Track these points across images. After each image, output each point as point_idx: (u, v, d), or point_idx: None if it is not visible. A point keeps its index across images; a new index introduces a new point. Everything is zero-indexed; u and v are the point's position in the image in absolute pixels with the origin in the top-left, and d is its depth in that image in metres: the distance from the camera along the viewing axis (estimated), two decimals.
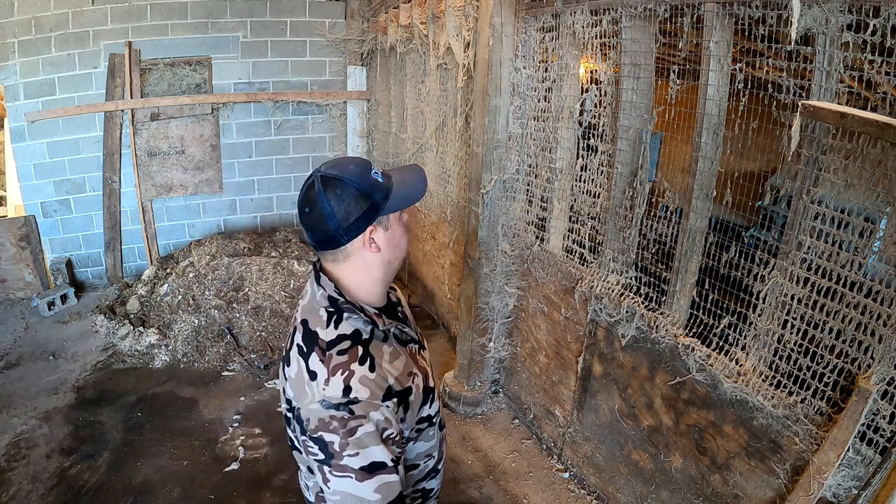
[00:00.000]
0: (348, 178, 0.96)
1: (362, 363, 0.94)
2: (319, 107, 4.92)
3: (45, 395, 3.14)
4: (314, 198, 0.95)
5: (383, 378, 0.95)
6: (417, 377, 1.05)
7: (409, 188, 1.05)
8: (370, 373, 0.94)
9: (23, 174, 4.27)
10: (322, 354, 0.94)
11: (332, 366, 0.93)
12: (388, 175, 1.04)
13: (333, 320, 0.97)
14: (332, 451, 0.89)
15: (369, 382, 0.92)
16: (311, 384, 0.93)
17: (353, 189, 0.95)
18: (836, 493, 1.47)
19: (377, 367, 0.95)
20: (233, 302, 3.84)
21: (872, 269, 1.39)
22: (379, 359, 0.97)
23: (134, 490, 2.49)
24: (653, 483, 2.11)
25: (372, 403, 0.91)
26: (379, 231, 1.01)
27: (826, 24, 1.35)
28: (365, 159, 1.04)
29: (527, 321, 2.83)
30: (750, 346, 1.70)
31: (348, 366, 0.93)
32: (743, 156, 1.71)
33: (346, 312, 0.98)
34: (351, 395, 0.90)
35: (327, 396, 0.91)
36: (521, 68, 2.54)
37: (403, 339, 1.08)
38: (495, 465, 2.71)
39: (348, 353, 0.94)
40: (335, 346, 0.95)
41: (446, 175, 3.54)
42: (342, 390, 0.90)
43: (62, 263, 4.41)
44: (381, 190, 0.99)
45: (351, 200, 0.95)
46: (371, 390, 0.92)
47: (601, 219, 2.25)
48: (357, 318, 0.98)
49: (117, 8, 4.10)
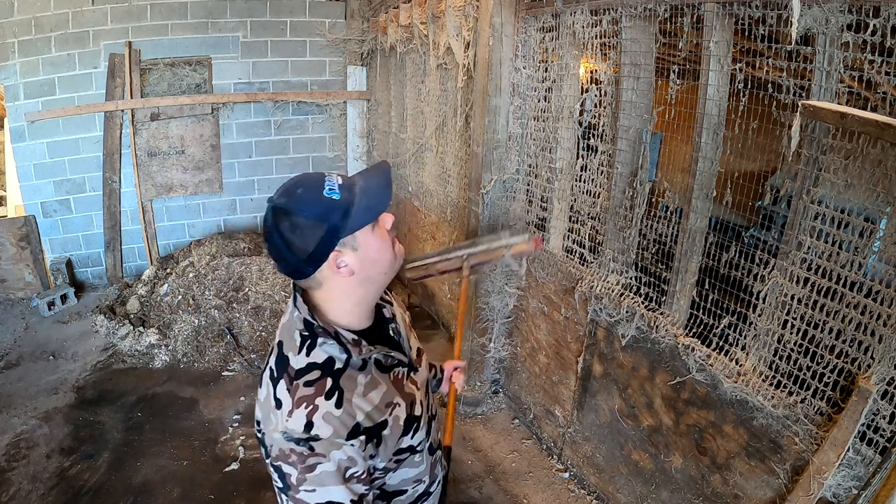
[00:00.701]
0: (297, 207, 0.88)
1: (329, 398, 0.88)
2: (319, 107, 4.92)
3: (45, 395, 3.14)
4: (270, 231, 0.90)
5: (350, 415, 0.89)
6: (398, 407, 0.98)
7: (372, 198, 0.92)
8: (336, 409, 0.88)
9: (23, 174, 4.27)
10: (289, 383, 0.89)
11: (297, 397, 0.87)
12: (349, 186, 0.92)
13: (307, 346, 0.92)
14: (289, 482, 0.86)
15: (333, 420, 0.87)
16: (276, 412, 0.89)
17: (304, 218, 0.87)
18: (836, 493, 1.47)
19: (345, 403, 0.89)
20: (233, 302, 3.84)
21: (872, 269, 1.39)
22: (350, 392, 0.90)
23: (134, 490, 2.49)
24: (653, 483, 2.11)
25: (334, 442, 0.86)
26: (347, 253, 0.91)
27: (826, 24, 1.35)
28: (317, 175, 0.93)
29: (527, 321, 2.83)
30: (750, 346, 1.70)
31: (313, 400, 0.87)
32: (743, 156, 1.71)
33: (320, 338, 0.92)
34: (312, 432, 0.85)
35: (289, 429, 0.86)
36: (521, 68, 2.54)
37: (388, 365, 1.00)
38: (495, 465, 2.71)
39: (315, 386, 0.88)
40: (303, 376, 0.89)
41: (446, 175, 3.54)
42: (304, 425, 0.85)
43: (62, 263, 4.41)
44: (338, 209, 0.88)
45: (305, 230, 0.87)
46: (335, 428, 0.86)
47: (601, 219, 2.25)
48: (332, 345, 0.92)
49: (117, 8, 4.10)
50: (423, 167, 3.92)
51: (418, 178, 4.02)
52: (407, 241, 4.44)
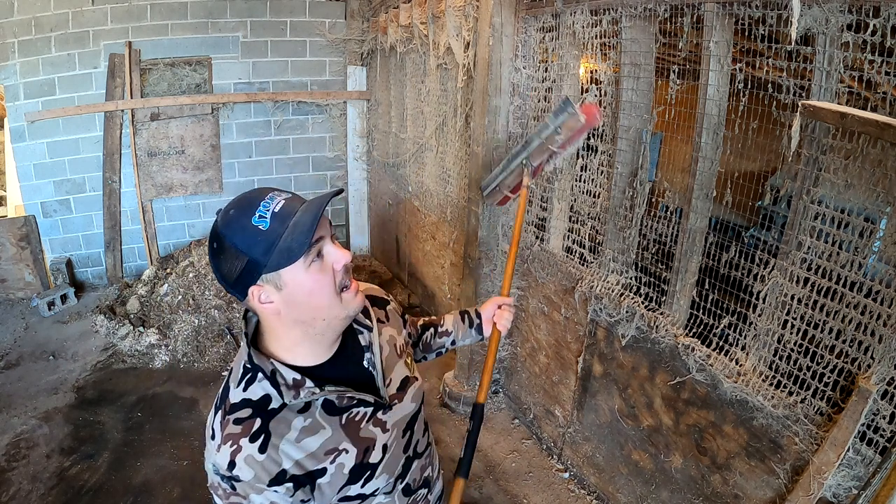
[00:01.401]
0: (223, 231, 0.81)
1: (253, 440, 0.82)
2: (319, 107, 4.92)
3: (45, 395, 3.14)
4: (208, 246, 0.86)
5: (275, 462, 0.83)
6: (345, 454, 0.90)
7: (297, 237, 0.79)
8: (259, 454, 0.82)
9: (23, 174, 4.27)
10: (223, 417, 0.85)
11: (225, 433, 0.83)
12: (284, 215, 0.80)
13: (246, 380, 0.86)
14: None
15: (255, 464, 0.82)
16: (211, 442, 0.86)
17: (228, 244, 0.80)
18: (836, 493, 1.47)
19: (270, 449, 0.83)
20: (233, 302, 3.84)
21: (872, 269, 1.39)
22: (278, 437, 0.84)
23: (134, 490, 2.49)
24: (653, 483, 2.11)
25: (255, 486, 0.82)
26: (268, 290, 0.82)
27: (826, 24, 1.35)
28: (259, 195, 0.83)
29: (527, 321, 2.82)
30: (750, 346, 1.70)
31: (238, 440, 0.82)
32: (743, 156, 1.71)
33: (260, 373, 0.86)
34: (233, 472, 0.82)
35: (216, 463, 0.83)
36: (521, 68, 2.54)
37: (342, 406, 0.91)
38: (495, 464, 2.71)
39: (243, 425, 0.83)
40: (235, 412, 0.84)
41: (446, 175, 3.54)
42: (227, 464, 0.82)
43: (62, 263, 4.41)
44: (261, 243, 0.79)
45: (227, 256, 0.81)
46: (256, 473, 0.82)
47: (601, 219, 2.25)
48: (267, 384, 0.86)
49: (117, 8, 4.10)
50: (423, 167, 3.92)
51: (418, 178, 4.02)
52: (407, 241, 4.44)
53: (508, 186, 1.97)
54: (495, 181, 2.01)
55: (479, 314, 1.37)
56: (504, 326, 1.32)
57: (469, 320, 1.36)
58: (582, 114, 1.67)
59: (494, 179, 2.02)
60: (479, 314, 1.37)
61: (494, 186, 2.02)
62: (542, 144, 1.79)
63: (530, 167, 1.81)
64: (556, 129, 1.73)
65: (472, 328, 1.36)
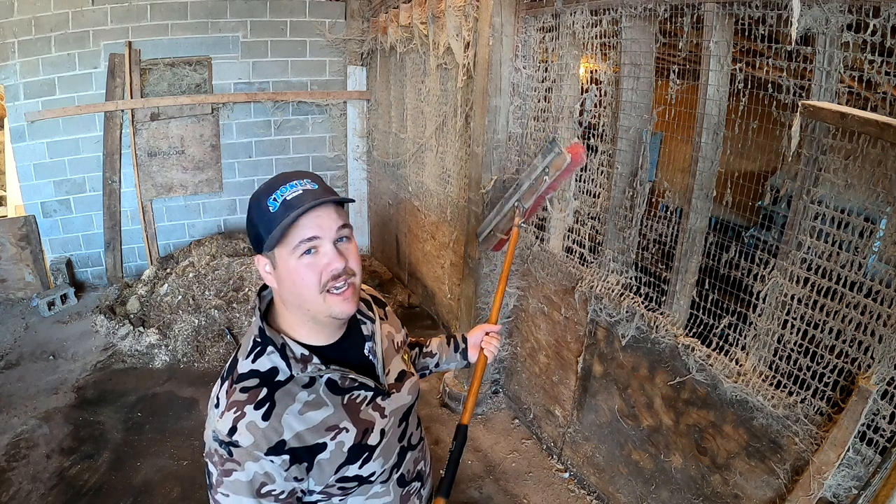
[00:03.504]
0: (251, 202, 0.92)
1: (258, 408, 0.87)
2: (319, 107, 4.93)
3: (45, 395, 3.14)
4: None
5: (276, 431, 0.87)
6: (345, 433, 0.93)
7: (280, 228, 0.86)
8: (261, 421, 0.86)
9: (23, 174, 4.27)
10: (229, 386, 0.90)
11: (230, 400, 0.88)
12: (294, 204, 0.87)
13: (255, 352, 0.92)
14: (211, 481, 0.88)
15: (256, 431, 0.86)
16: (213, 411, 0.90)
17: (250, 213, 0.92)
18: (836, 493, 1.47)
19: (273, 417, 0.87)
20: (233, 302, 3.84)
21: (872, 269, 1.39)
22: (282, 407, 0.88)
23: (134, 490, 2.49)
24: (653, 483, 2.11)
25: (251, 453, 0.85)
26: (266, 264, 0.91)
27: (826, 24, 1.35)
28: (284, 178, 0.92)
29: (527, 321, 2.82)
30: (750, 346, 1.70)
31: (243, 406, 0.87)
32: (743, 156, 1.71)
33: (269, 346, 0.92)
34: (233, 437, 0.85)
35: (217, 429, 0.87)
36: (521, 68, 2.54)
37: (344, 387, 0.96)
38: (495, 465, 2.71)
39: (249, 393, 0.88)
40: (242, 382, 0.89)
41: (446, 175, 3.54)
42: (228, 429, 0.86)
43: (62, 263, 4.41)
44: (267, 222, 0.88)
45: (249, 223, 0.92)
46: (255, 439, 0.85)
47: (601, 219, 2.25)
48: (277, 356, 0.91)
49: (117, 8, 4.10)
50: (423, 167, 3.92)
51: (418, 178, 4.02)
52: (407, 241, 4.44)
53: (502, 230, 2.04)
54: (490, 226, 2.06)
55: (465, 339, 1.41)
56: (491, 353, 1.36)
57: (455, 344, 1.40)
58: (568, 153, 1.78)
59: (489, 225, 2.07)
60: (466, 339, 1.41)
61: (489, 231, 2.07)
62: (533, 185, 1.87)
63: (522, 209, 1.90)
64: (545, 169, 1.83)
65: (458, 352, 1.40)
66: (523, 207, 1.91)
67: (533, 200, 1.92)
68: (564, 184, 1.87)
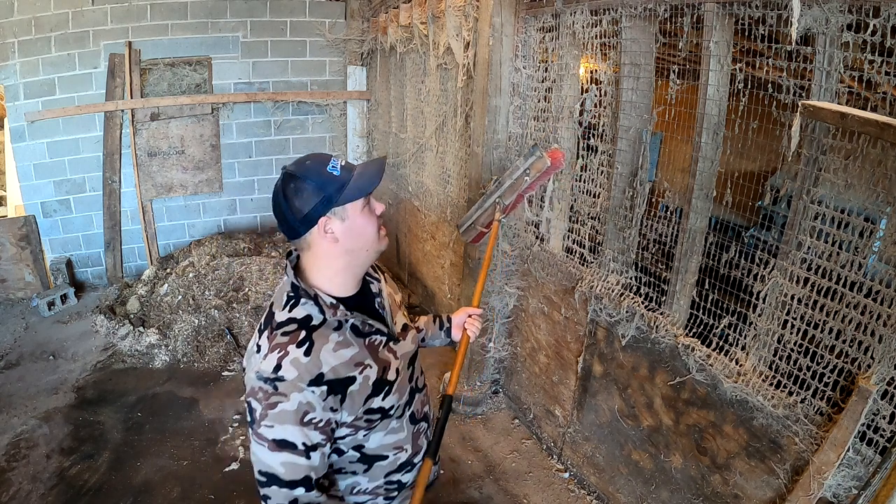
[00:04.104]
0: (303, 175, 1.04)
1: (300, 346, 1.00)
2: (319, 107, 4.93)
3: (45, 395, 3.14)
4: (277, 192, 1.07)
5: (316, 365, 1.00)
6: (369, 369, 1.08)
7: (364, 180, 1.08)
8: (304, 357, 1.00)
9: (23, 174, 4.27)
10: (270, 332, 1.03)
11: (273, 343, 1.01)
12: (348, 168, 1.08)
13: (290, 304, 1.06)
14: (255, 417, 0.99)
15: (300, 365, 0.99)
16: (255, 356, 1.03)
17: (306, 184, 1.03)
18: (836, 493, 1.47)
19: (313, 353, 1.01)
20: (233, 302, 3.84)
21: (872, 269, 1.39)
22: (320, 345, 1.02)
23: (134, 490, 2.49)
24: (653, 483, 2.11)
25: (296, 385, 0.98)
26: (335, 222, 1.06)
27: (826, 24, 1.35)
28: (326, 155, 1.09)
29: (527, 321, 2.82)
30: (750, 346, 1.70)
31: (286, 347, 1.00)
32: (743, 156, 1.71)
33: (303, 298, 1.06)
34: (279, 373, 0.98)
35: (261, 369, 0.99)
36: (521, 68, 2.54)
37: (364, 331, 1.11)
38: (495, 465, 2.71)
39: (290, 335, 1.02)
40: (282, 328, 1.03)
41: (446, 175, 3.54)
42: (273, 367, 0.98)
43: (62, 263, 4.41)
44: (335, 183, 1.04)
45: (304, 194, 1.03)
46: (299, 373, 0.98)
47: (601, 219, 2.25)
48: (311, 305, 1.06)
49: (117, 8, 4.10)
50: (423, 167, 3.92)
51: (418, 178, 4.02)
52: (407, 241, 4.44)
53: (483, 223, 2.17)
54: (471, 219, 2.20)
55: (449, 319, 1.56)
56: (473, 333, 1.52)
57: (440, 323, 1.55)
58: (548, 157, 1.96)
59: (470, 218, 2.21)
60: (450, 319, 1.56)
61: (470, 224, 2.21)
62: (514, 184, 2.03)
63: (503, 205, 2.07)
64: (526, 170, 2.00)
65: (442, 330, 1.54)
66: (503, 204, 2.06)
67: (513, 198, 2.06)
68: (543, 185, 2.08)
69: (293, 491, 1.00)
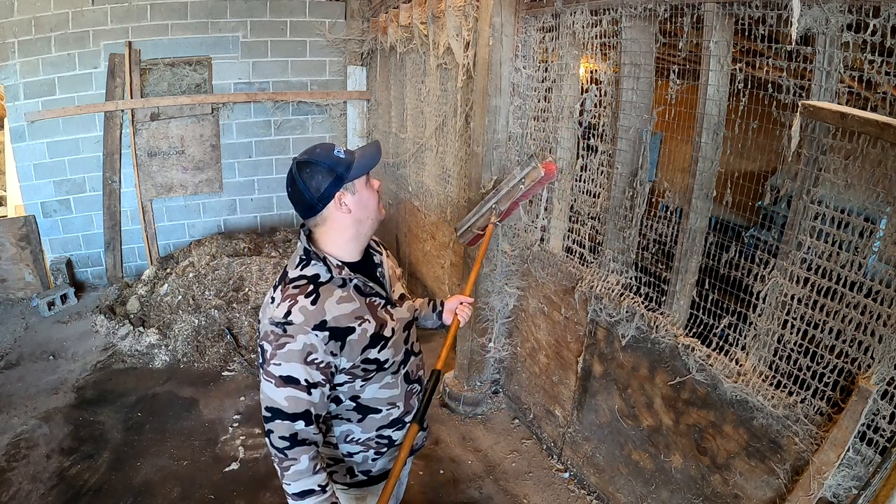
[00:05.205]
0: (315, 160, 1.21)
1: (307, 297, 1.17)
2: (319, 107, 4.93)
3: (45, 395, 3.14)
4: (292, 178, 1.22)
5: (321, 312, 1.17)
6: (368, 323, 1.24)
7: (366, 159, 1.26)
8: (311, 305, 1.16)
9: (23, 174, 4.27)
10: (283, 286, 1.21)
11: (285, 294, 1.19)
12: (350, 152, 1.26)
13: (302, 264, 1.24)
14: (265, 357, 1.15)
15: (307, 312, 1.15)
16: (269, 306, 1.20)
17: (320, 167, 1.20)
18: (836, 493, 1.47)
19: (319, 303, 1.17)
20: (233, 302, 3.84)
21: (872, 269, 1.39)
22: (325, 297, 1.19)
23: (134, 490, 2.49)
24: (653, 483, 2.11)
25: (303, 328, 1.14)
26: (347, 195, 1.23)
27: (826, 24, 1.35)
28: (330, 144, 1.27)
29: (527, 321, 2.82)
30: (750, 346, 1.70)
31: (296, 297, 1.17)
32: (743, 156, 1.71)
33: (313, 260, 1.24)
34: (289, 318, 1.14)
35: (273, 315, 1.16)
36: (521, 68, 2.54)
37: (366, 292, 1.28)
38: (495, 465, 2.71)
39: (300, 288, 1.19)
40: (294, 282, 1.21)
41: (446, 175, 3.54)
42: (284, 313, 1.15)
43: (62, 263, 4.41)
44: (343, 163, 1.22)
45: (319, 176, 1.20)
46: (305, 318, 1.15)
47: (601, 219, 2.25)
48: (320, 265, 1.23)
49: (117, 8, 4.11)
50: (423, 167, 3.92)
51: (418, 178, 4.02)
52: (407, 241, 4.44)
53: (479, 227, 2.29)
54: (468, 223, 2.32)
55: (442, 304, 1.69)
56: (463, 318, 1.66)
57: (433, 306, 1.67)
58: (542, 168, 2.09)
59: (468, 222, 2.32)
60: (443, 304, 1.69)
61: (467, 227, 2.32)
62: (510, 191, 2.18)
63: (499, 211, 2.20)
64: (521, 179, 2.13)
65: (434, 313, 1.67)
66: (499, 210, 2.20)
67: (509, 204, 2.20)
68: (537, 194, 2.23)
69: (294, 424, 1.15)
